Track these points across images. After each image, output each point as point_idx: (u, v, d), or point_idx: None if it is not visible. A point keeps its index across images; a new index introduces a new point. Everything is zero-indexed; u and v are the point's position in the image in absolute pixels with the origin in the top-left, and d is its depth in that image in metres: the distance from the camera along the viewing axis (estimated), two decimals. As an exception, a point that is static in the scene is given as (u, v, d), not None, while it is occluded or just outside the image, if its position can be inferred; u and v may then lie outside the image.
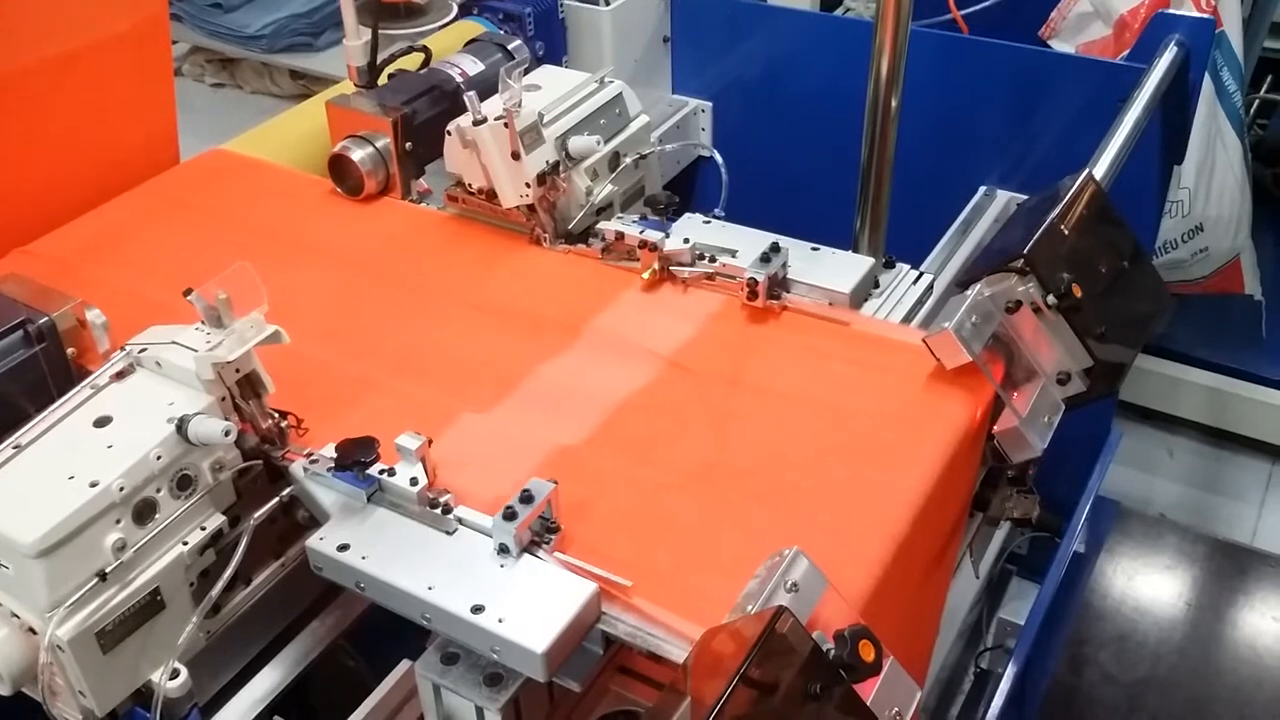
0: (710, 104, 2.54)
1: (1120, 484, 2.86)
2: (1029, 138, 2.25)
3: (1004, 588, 2.52)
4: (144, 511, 1.07)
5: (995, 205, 2.26)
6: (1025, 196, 2.27)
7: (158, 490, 1.08)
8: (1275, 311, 3.02)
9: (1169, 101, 2.03)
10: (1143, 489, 2.96)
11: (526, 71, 1.59)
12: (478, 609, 1.01)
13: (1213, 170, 2.67)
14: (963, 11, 2.56)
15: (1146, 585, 2.43)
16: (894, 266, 1.62)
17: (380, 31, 1.73)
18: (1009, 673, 1.94)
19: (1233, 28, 2.59)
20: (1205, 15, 2.35)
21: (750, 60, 2.46)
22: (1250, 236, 2.82)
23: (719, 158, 1.69)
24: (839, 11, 2.98)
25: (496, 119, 1.47)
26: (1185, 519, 2.84)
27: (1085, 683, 2.23)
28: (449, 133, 1.54)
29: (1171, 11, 2.11)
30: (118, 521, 1.05)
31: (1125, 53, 2.46)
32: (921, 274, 1.63)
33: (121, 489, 1.04)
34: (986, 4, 2.63)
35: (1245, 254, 2.86)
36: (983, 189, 2.30)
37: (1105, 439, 2.26)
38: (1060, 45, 2.68)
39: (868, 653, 0.90)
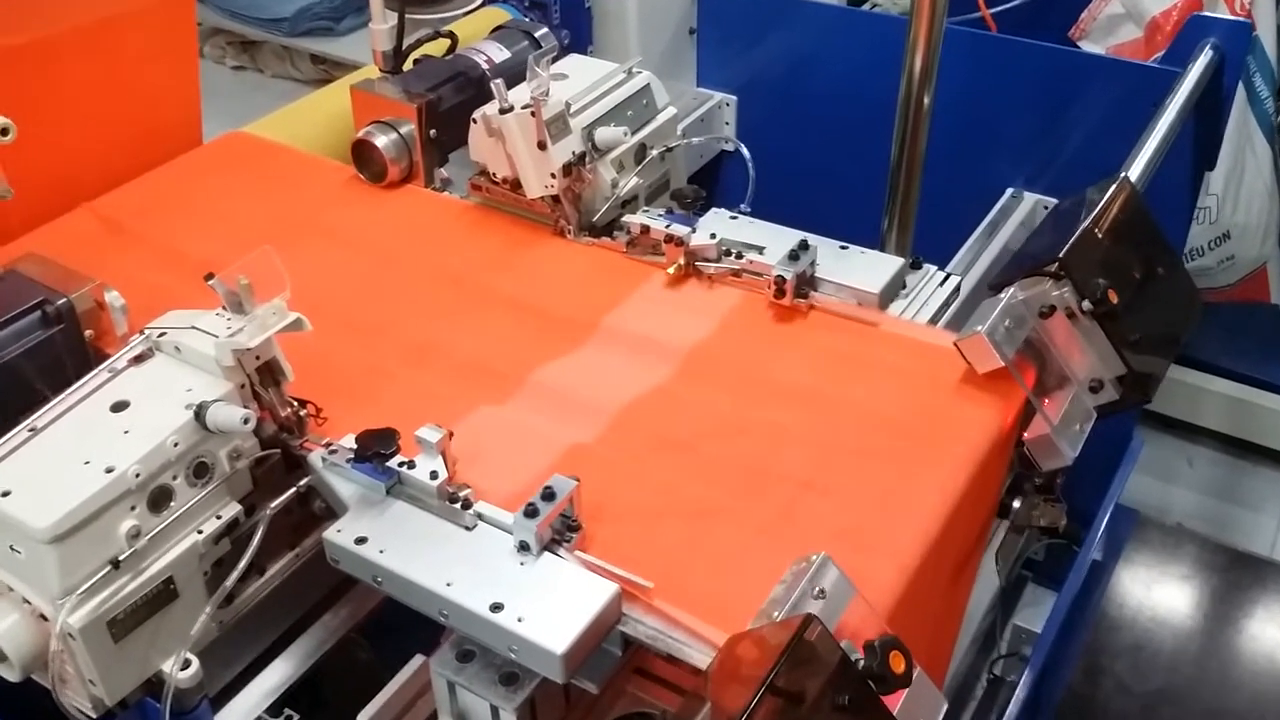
0: (735, 98, 2.51)
1: (1138, 492, 2.83)
2: (1058, 139, 2.22)
3: (1019, 594, 2.50)
4: (159, 499, 1.05)
5: (1023, 207, 2.24)
6: (1053, 199, 2.25)
7: (174, 477, 1.06)
8: (1302, 322, 2.99)
9: (1202, 106, 2.00)
10: (1161, 498, 2.93)
11: (554, 60, 1.57)
12: (496, 607, 0.99)
13: (1242, 177, 2.64)
14: (992, 10, 2.53)
15: (1164, 595, 2.40)
16: (921, 267, 1.60)
17: (406, 16, 1.71)
18: (1024, 681, 1.92)
19: (1266, 31, 2.56)
20: (1240, 18, 2.32)
21: (776, 54, 2.44)
22: (1278, 245, 2.79)
23: (746, 152, 1.67)
24: (866, 6, 2.95)
25: (523, 107, 1.45)
26: (1203, 529, 2.81)
27: (1100, 693, 2.21)
28: (474, 120, 1.52)
29: (1207, 14, 2.07)
30: (133, 508, 1.03)
31: (1157, 55, 2.43)
32: (949, 275, 1.61)
33: (137, 475, 1.02)
34: (1016, 3, 2.60)
35: (1272, 262, 2.82)
36: (1010, 191, 2.28)
37: (1127, 446, 2.23)
38: (1090, 46, 2.64)
39: (898, 664, 0.88)
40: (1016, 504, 1.42)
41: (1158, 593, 2.41)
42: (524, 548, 1.04)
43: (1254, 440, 2.99)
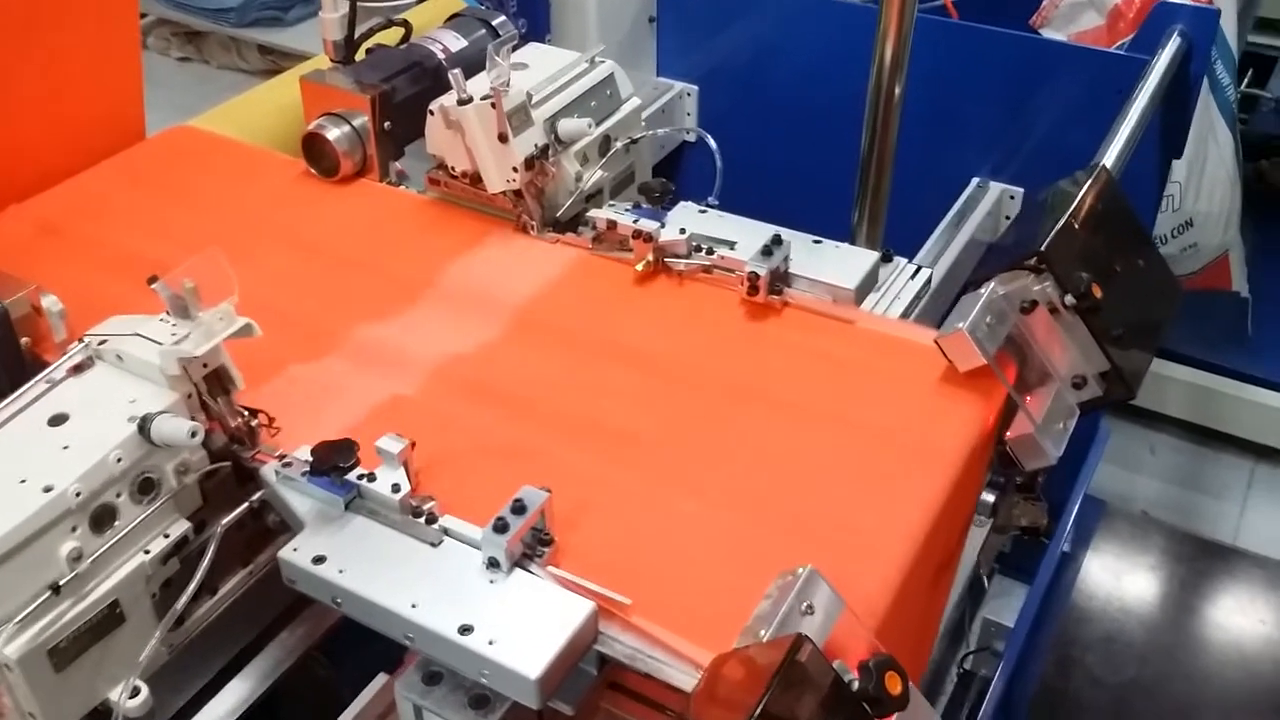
0: (696, 88, 2.47)
1: (1101, 480, 2.82)
2: (1023, 128, 2.20)
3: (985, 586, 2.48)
4: (102, 518, 0.99)
5: (989, 197, 2.22)
6: (1018, 189, 2.23)
7: (117, 495, 1.00)
8: (1261, 308, 2.98)
9: (1170, 94, 1.98)
10: (1124, 486, 2.93)
11: (514, 49, 1.51)
12: (466, 629, 0.94)
13: (1204, 165, 2.63)
14: (954, -2, 2.50)
15: (1133, 586, 2.39)
16: (891, 260, 1.56)
17: (357, 4, 1.64)
18: (999, 676, 1.89)
19: (1228, 18, 2.54)
20: (1204, 5, 2.30)
21: (738, 43, 2.39)
22: (1240, 232, 2.79)
23: (713, 143, 1.61)
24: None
25: (483, 98, 1.39)
26: (1167, 517, 2.80)
27: (1072, 686, 2.19)
28: (431, 112, 1.46)
29: (1174, 1, 2.05)
30: (74, 529, 0.97)
31: (1119, 42, 2.41)
32: (920, 268, 1.57)
33: (78, 494, 0.96)
34: (979, -10, 2.57)
35: (1234, 250, 2.82)
36: (975, 180, 2.25)
37: (1094, 435, 2.21)
38: (1051, 34, 2.62)
39: (894, 685, 0.84)
40: (995, 502, 1.38)
41: (1127, 583, 2.40)
42: (493, 564, 0.99)
43: (1215, 427, 3.00)
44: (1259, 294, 2.95)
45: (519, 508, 0.99)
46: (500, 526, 0.97)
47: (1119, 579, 2.40)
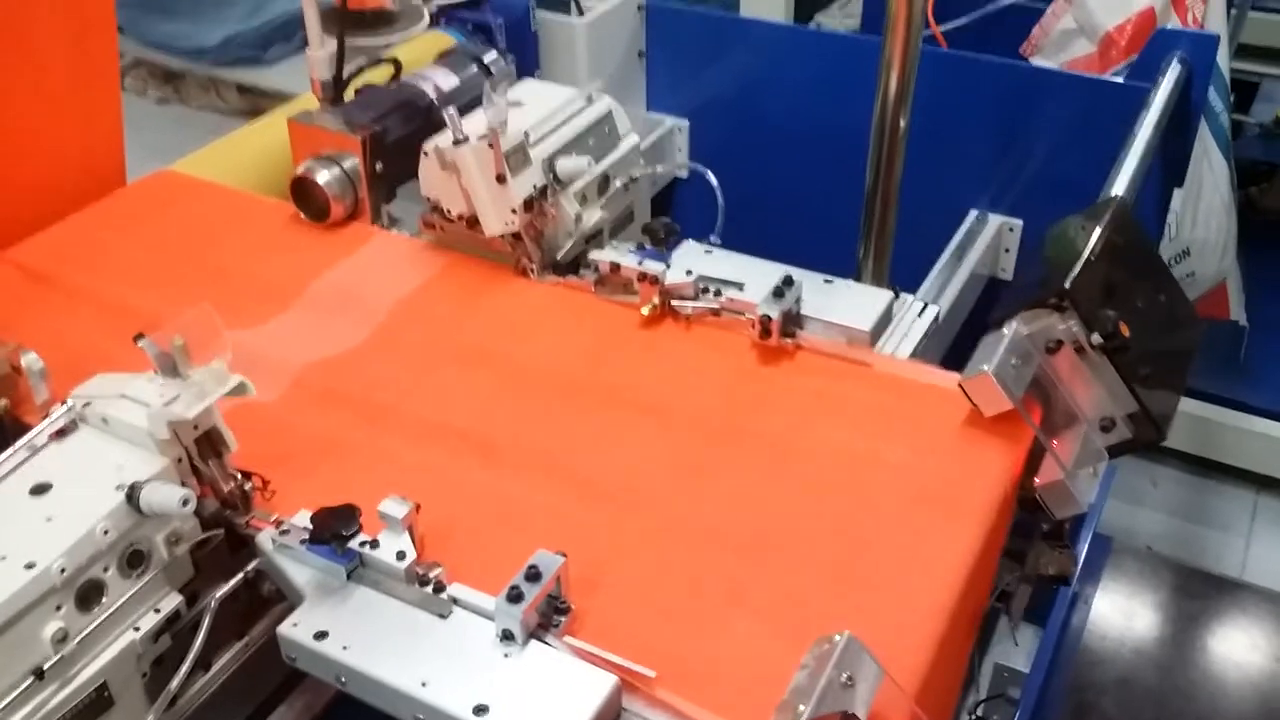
0: (687, 122, 2.43)
1: (1104, 516, 2.77)
2: (1021, 159, 2.16)
3: (992, 627, 2.42)
4: (89, 595, 0.93)
5: (988, 230, 2.18)
6: (1018, 220, 2.19)
7: (105, 569, 0.94)
8: (1254, 336, 2.96)
9: (1171, 122, 1.94)
10: (1127, 520, 2.88)
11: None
12: (481, 709, 0.87)
13: (1199, 192, 2.60)
14: (942, 27, 2.47)
15: (1144, 625, 2.34)
16: (899, 297, 1.52)
17: (346, 42, 1.59)
18: (1018, 726, 1.83)
19: (1220, 44, 2.52)
20: (1201, 31, 2.28)
21: (729, 77, 2.35)
22: (1236, 260, 2.76)
23: (713, 179, 1.57)
24: (811, 25, 2.89)
25: (480, 138, 1.34)
26: (1172, 551, 2.76)
27: (1090, 732, 2.13)
28: (426, 153, 1.40)
29: (1173, 27, 2.02)
30: (58, 608, 0.91)
31: (1111, 69, 2.39)
32: (926, 305, 1.52)
33: (63, 570, 0.90)
34: (966, 20, 2.56)
35: (1230, 278, 2.79)
36: (974, 213, 2.21)
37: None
38: (1042, 62, 2.59)
39: (949, 766, 0.78)
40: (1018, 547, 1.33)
41: (1138, 623, 2.35)
42: (508, 637, 0.92)
43: (1217, 458, 2.96)
44: (1252, 322, 2.92)
45: (534, 574, 0.93)
46: (514, 596, 0.91)
47: (1130, 619, 2.35)
